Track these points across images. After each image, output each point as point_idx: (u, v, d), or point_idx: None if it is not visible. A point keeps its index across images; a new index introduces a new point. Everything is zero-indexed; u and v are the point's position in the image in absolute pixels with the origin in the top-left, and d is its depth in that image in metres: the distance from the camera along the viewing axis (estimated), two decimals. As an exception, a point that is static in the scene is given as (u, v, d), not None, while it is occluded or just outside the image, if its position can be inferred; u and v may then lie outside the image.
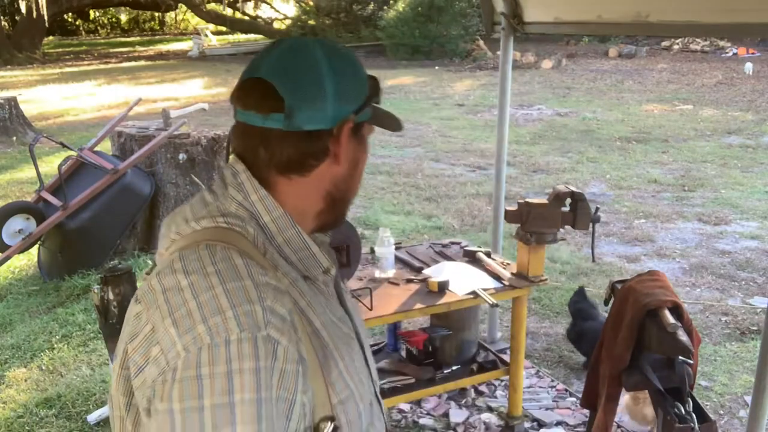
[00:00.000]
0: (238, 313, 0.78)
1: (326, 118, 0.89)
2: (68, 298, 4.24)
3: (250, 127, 0.89)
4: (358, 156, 0.96)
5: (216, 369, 0.75)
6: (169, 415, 0.75)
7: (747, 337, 3.80)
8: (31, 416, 3.04)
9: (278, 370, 0.78)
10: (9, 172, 7.56)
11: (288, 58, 0.89)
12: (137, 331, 0.85)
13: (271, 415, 0.76)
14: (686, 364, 2.19)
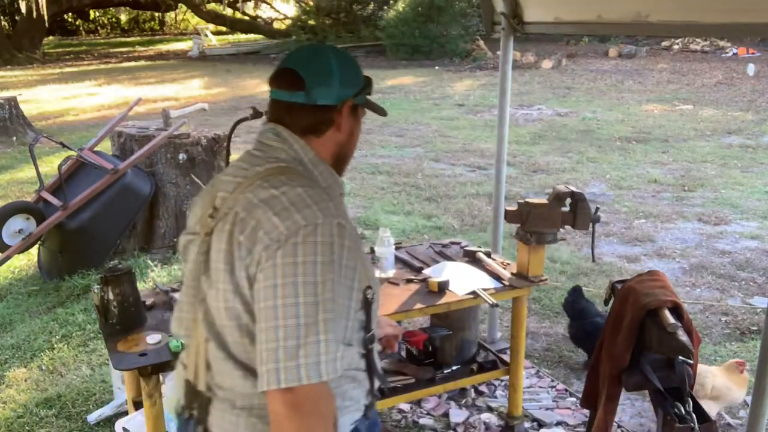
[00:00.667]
0: (320, 208, 1.21)
1: (333, 96, 1.32)
2: (68, 298, 4.24)
3: (281, 102, 1.33)
4: (353, 128, 1.38)
5: (308, 239, 1.16)
6: (273, 268, 1.15)
7: (747, 337, 3.80)
8: (31, 416, 3.04)
9: (347, 246, 1.20)
10: (9, 172, 7.57)
11: (308, 54, 1.33)
12: (243, 228, 1.21)
13: (339, 274, 1.17)
14: (686, 364, 2.19)
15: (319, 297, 1.14)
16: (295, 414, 1.11)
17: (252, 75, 17.21)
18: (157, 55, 23.58)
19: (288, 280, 1.13)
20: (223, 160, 3.88)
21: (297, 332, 1.12)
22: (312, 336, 1.12)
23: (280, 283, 1.13)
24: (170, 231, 4.82)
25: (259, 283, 1.16)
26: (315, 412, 1.13)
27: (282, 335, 1.12)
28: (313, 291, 1.14)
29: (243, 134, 9.32)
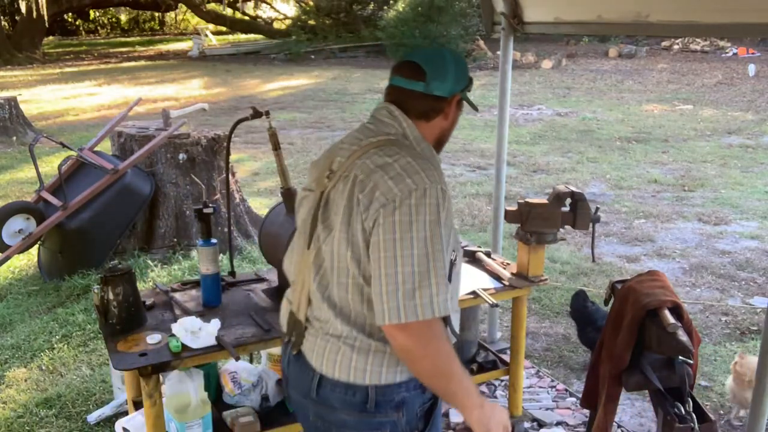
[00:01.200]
0: (427, 174, 1.44)
1: (447, 90, 1.57)
2: (68, 298, 4.24)
3: (401, 88, 1.58)
4: (455, 118, 1.67)
5: (420, 201, 1.40)
6: (392, 224, 1.39)
7: (747, 337, 3.80)
8: (31, 416, 3.04)
9: (446, 208, 1.44)
10: (9, 172, 7.57)
11: (430, 53, 1.59)
12: (363, 189, 1.44)
13: (442, 231, 1.41)
14: (686, 364, 2.19)
15: (429, 249, 1.38)
16: (416, 342, 1.39)
17: (252, 75, 17.22)
18: (157, 55, 23.58)
19: (405, 235, 1.38)
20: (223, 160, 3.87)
21: (413, 278, 1.37)
22: (425, 281, 1.37)
23: (398, 238, 1.38)
24: (170, 231, 4.82)
25: (378, 237, 1.40)
26: (432, 335, 1.40)
27: (401, 280, 1.37)
28: (424, 244, 1.38)
29: (243, 134, 9.33)
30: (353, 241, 1.44)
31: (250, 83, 15.72)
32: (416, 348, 1.39)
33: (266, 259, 2.63)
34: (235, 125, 2.60)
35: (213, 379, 2.60)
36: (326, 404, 1.53)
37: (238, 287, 2.63)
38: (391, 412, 1.50)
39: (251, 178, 7.35)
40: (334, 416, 1.53)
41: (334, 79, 16.17)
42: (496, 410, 1.47)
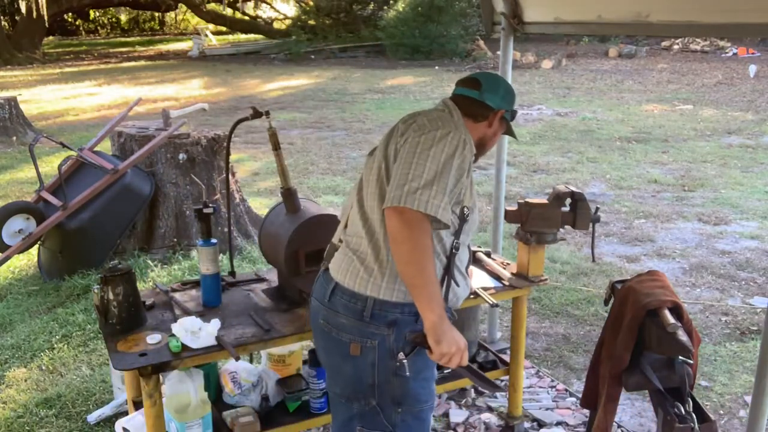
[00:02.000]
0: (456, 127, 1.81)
1: (495, 102, 1.93)
2: (68, 298, 4.24)
3: (460, 95, 1.95)
4: (497, 130, 1.98)
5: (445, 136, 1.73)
6: (417, 138, 1.74)
7: (747, 337, 3.80)
8: (31, 416, 3.04)
9: (464, 156, 1.74)
10: (9, 172, 7.57)
11: (489, 75, 2.00)
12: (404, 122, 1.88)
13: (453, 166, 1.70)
14: (686, 364, 2.19)
15: (440, 169, 1.67)
16: (405, 225, 1.64)
17: (252, 75, 17.22)
18: (157, 55, 23.58)
19: (425, 151, 1.69)
20: (223, 160, 3.87)
21: (420, 180, 1.65)
22: (429, 187, 1.64)
23: (418, 151, 1.70)
24: (170, 231, 4.82)
25: (405, 147, 1.74)
26: (419, 226, 1.63)
27: (411, 177, 1.66)
28: (437, 164, 1.68)
29: (243, 134, 9.34)
30: (386, 155, 1.82)
31: (250, 83, 15.72)
32: (403, 230, 1.64)
33: (266, 259, 2.63)
34: (235, 125, 2.60)
35: (213, 379, 2.60)
36: (333, 309, 1.82)
37: (238, 287, 2.63)
38: (383, 327, 1.75)
39: (251, 178, 7.35)
40: (337, 320, 1.81)
41: (334, 79, 16.17)
42: (454, 331, 1.67)
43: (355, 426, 1.86)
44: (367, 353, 1.77)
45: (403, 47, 19.44)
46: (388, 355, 1.75)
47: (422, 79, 15.49)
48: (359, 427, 1.85)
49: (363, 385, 1.80)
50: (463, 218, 1.80)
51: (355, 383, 1.81)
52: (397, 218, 1.65)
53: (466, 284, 1.93)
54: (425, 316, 1.65)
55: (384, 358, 1.76)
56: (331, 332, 1.83)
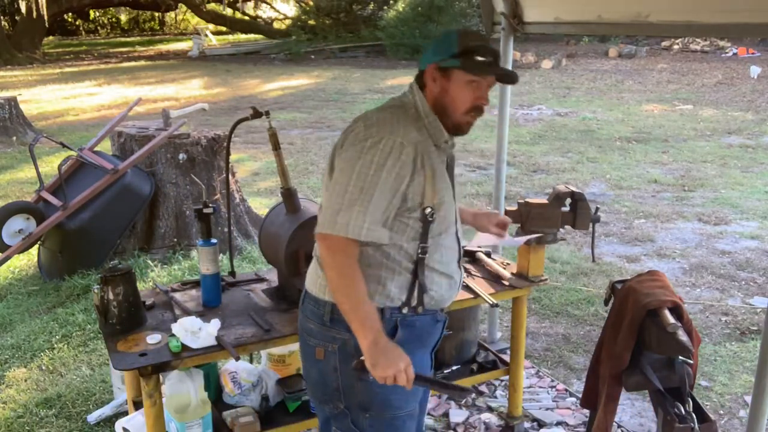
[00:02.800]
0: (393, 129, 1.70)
1: (423, 62, 1.81)
2: (68, 298, 4.24)
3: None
4: (444, 86, 1.76)
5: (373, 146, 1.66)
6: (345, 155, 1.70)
7: (747, 337, 3.80)
8: (31, 416, 3.04)
9: (401, 160, 1.66)
10: (9, 172, 7.57)
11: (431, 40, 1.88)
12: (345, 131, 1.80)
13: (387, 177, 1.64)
14: (686, 364, 2.19)
15: (365, 184, 1.62)
16: (328, 252, 1.65)
17: (252, 75, 17.22)
18: (157, 55, 23.58)
19: (352, 164, 1.65)
20: (223, 160, 3.87)
21: (342, 201, 1.63)
22: (350, 207, 1.62)
23: (344, 168, 1.67)
24: (170, 231, 4.82)
25: (339, 161, 1.72)
26: (342, 251, 1.63)
27: (334, 200, 1.64)
28: (362, 179, 1.63)
29: (243, 134, 9.33)
30: (330, 170, 1.80)
31: (250, 83, 15.72)
32: (327, 257, 1.66)
33: (266, 259, 2.63)
34: (235, 125, 2.60)
35: (213, 379, 2.60)
36: (304, 314, 1.86)
37: (238, 287, 2.63)
38: (343, 332, 1.72)
39: (251, 178, 7.35)
40: (306, 324, 1.83)
41: (334, 79, 16.17)
42: (391, 351, 1.62)
43: (331, 427, 1.88)
44: (329, 357, 1.76)
45: (403, 47, 19.44)
46: (349, 359, 1.71)
47: (422, 79, 15.48)
48: (334, 428, 1.86)
49: (329, 388, 1.79)
50: (426, 220, 1.74)
51: (323, 387, 1.81)
52: (322, 244, 1.66)
53: (451, 283, 1.86)
54: (359, 342, 1.63)
55: (345, 362, 1.73)
56: (303, 337, 1.86)
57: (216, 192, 4.81)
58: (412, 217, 1.72)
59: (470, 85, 1.75)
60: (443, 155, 1.84)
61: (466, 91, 1.75)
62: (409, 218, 1.72)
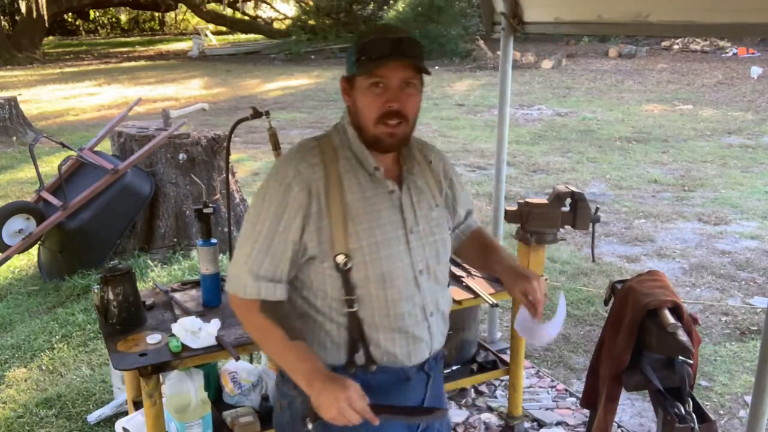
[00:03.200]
0: (283, 168, 1.50)
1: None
2: (68, 298, 4.24)
3: None
4: (355, 98, 1.52)
5: (262, 188, 1.51)
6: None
7: (747, 337, 3.80)
8: (31, 416, 3.04)
9: (289, 204, 1.46)
10: (9, 172, 7.57)
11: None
12: None
13: (260, 219, 1.48)
14: (686, 364, 2.19)
15: (246, 232, 1.50)
16: (234, 308, 1.55)
17: (252, 75, 17.22)
18: (157, 55, 23.57)
19: (247, 212, 1.54)
20: (223, 160, 3.87)
21: (234, 256, 1.52)
22: (236, 262, 1.51)
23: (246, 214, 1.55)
24: (170, 231, 4.81)
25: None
26: (242, 308, 1.52)
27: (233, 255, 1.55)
28: (250, 230, 1.50)
29: (243, 134, 9.33)
30: None
31: (250, 83, 15.72)
32: (237, 315, 1.57)
33: (266, 259, 2.62)
34: (235, 125, 2.60)
35: (213, 379, 2.60)
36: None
37: (238, 287, 2.63)
38: (292, 389, 1.55)
39: (251, 178, 7.35)
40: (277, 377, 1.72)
41: (334, 79, 16.16)
42: (331, 384, 1.38)
43: None
44: (284, 412, 1.63)
45: (403, 47, 19.41)
46: (299, 417, 1.52)
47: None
48: None
49: None
50: (340, 269, 1.47)
51: None
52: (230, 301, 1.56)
53: (409, 340, 1.55)
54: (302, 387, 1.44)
55: (296, 420, 1.56)
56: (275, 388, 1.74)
57: (216, 192, 4.81)
58: (325, 266, 1.48)
59: (372, 88, 1.47)
60: (380, 187, 1.53)
61: (370, 96, 1.48)
62: (323, 267, 1.49)
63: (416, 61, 1.46)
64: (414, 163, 1.62)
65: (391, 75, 1.46)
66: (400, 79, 1.46)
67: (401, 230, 1.53)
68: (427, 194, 1.62)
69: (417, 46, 1.48)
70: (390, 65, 1.44)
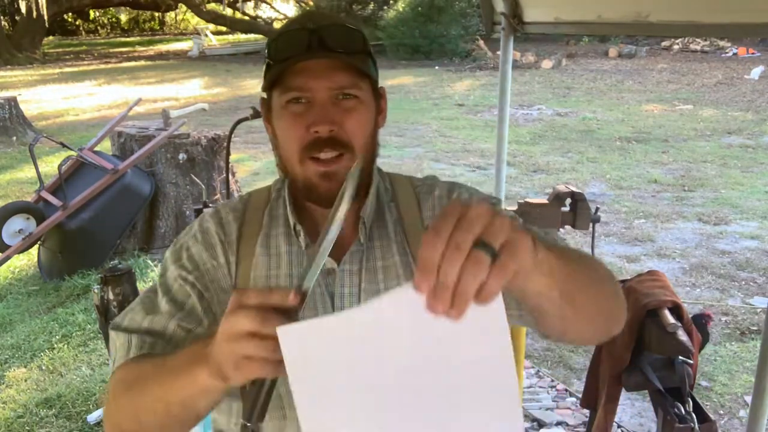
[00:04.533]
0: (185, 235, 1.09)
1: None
2: (68, 298, 4.24)
3: None
4: (274, 124, 1.05)
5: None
6: None
7: (747, 337, 3.80)
8: (31, 416, 3.04)
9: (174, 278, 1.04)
10: (9, 172, 7.57)
11: None
12: None
13: (158, 296, 1.05)
14: (686, 364, 2.19)
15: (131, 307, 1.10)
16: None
17: (252, 75, 17.21)
18: (157, 55, 23.57)
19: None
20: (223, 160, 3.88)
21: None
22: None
23: None
24: (170, 231, 4.82)
25: None
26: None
27: None
28: (139, 298, 1.11)
29: (243, 134, 9.33)
30: None
31: (250, 83, 15.71)
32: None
33: (266, 259, 2.62)
34: (235, 125, 2.60)
35: (213, 379, 2.60)
36: None
37: (238, 287, 2.63)
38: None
39: (251, 178, 7.35)
40: None
41: (334, 79, 16.15)
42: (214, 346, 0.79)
43: None
44: None
45: (403, 47, 19.42)
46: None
47: (422, 79, 15.48)
48: None
49: None
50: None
51: None
52: None
53: None
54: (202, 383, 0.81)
55: None
56: None
57: (216, 192, 4.81)
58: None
59: (290, 107, 1.00)
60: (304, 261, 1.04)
61: (287, 119, 1.00)
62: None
63: (352, 58, 0.99)
64: (386, 222, 1.06)
65: (313, 83, 0.97)
66: (329, 87, 0.98)
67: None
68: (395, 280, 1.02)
69: (351, 36, 1.01)
70: (310, 68, 0.97)
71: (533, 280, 0.73)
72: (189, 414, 0.86)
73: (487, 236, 0.64)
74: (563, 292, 0.78)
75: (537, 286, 0.74)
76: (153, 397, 0.87)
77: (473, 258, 0.62)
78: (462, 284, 0.62)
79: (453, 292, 0.62)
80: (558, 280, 0.76)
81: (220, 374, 0.77)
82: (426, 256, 0.62)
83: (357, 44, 1.01)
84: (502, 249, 0.64)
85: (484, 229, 0.64)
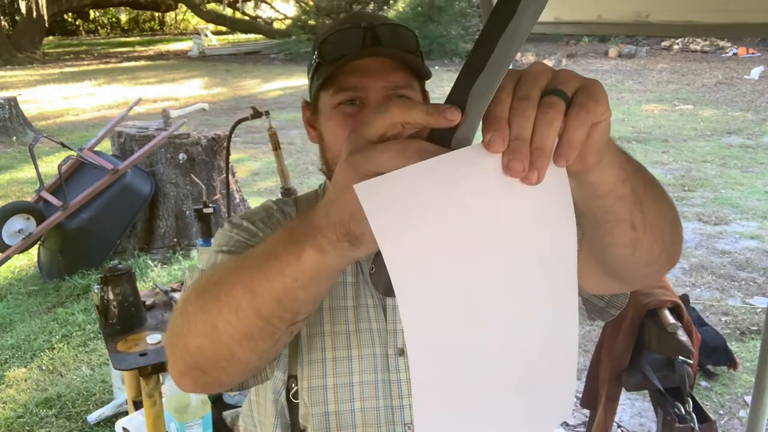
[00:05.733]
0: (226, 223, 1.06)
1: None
2: (68, 298, 4.24)
3: None
4: (322, 127, 1.02)
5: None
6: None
7: (747, 337, 3.80)
8: (31, 416, 3.04)
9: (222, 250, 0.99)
10: (9, 172, 7.57)
11: None
12: None
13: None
14: (686, 364, 2.19)
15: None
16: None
17: (252, 75, 17.21)
18: (157, 55, 23.58)
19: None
20: (223, 160, 3.88)
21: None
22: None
23: None
24: (170, 231, 4.82)
25: None
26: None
27: None
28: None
29: (243, 134, 9.33)
30: None
31: (250, 83, 15.72)
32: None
33: (266, 259, 2.62)
34: (235, 125, 2.60)
35: (213, 379, 2.60)
36: None
37: (238, 287, 2.63)
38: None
39: (251, 178, 7.35)
40: None
41: (334, 79, 16.15)
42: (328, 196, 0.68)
43: None
44: None
45: (403, 47, 19.43)
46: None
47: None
48: None
49: None
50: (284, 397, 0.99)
51: None
52: None
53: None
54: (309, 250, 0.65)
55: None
56: None
57: (216, 192, 4.81)
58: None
59: (341, 109, 0.96)
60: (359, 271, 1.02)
61: (337, 121, 0.96)
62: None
63: (409, 57, 0.95)
64: None
65: (368, 82, 0.93)
66: (384, 87, 0.94)
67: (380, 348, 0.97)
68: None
69: (406, 35, 0.98)
70: (365, 67, 0.93)
71: (606, 172, 0.67)
72: (283, 317, 0.69)
73: (556, 84, 0.55)
74: (635, 193, 0.73)
75: (610, 178, 0.69)
76: (236, 296, 0.70)
77: (545, 103, 0.53)
78: (538, 135, 0.52)
79: (530, 148, 0.53)
80: (629, 175, 0.71)
81: (343, 231, 0.59)
82: (493, 110, 0.53)
83: (411, 43, 0.98)
84: (578, 93, 0.55)
85: (552, 78, 0.55)
